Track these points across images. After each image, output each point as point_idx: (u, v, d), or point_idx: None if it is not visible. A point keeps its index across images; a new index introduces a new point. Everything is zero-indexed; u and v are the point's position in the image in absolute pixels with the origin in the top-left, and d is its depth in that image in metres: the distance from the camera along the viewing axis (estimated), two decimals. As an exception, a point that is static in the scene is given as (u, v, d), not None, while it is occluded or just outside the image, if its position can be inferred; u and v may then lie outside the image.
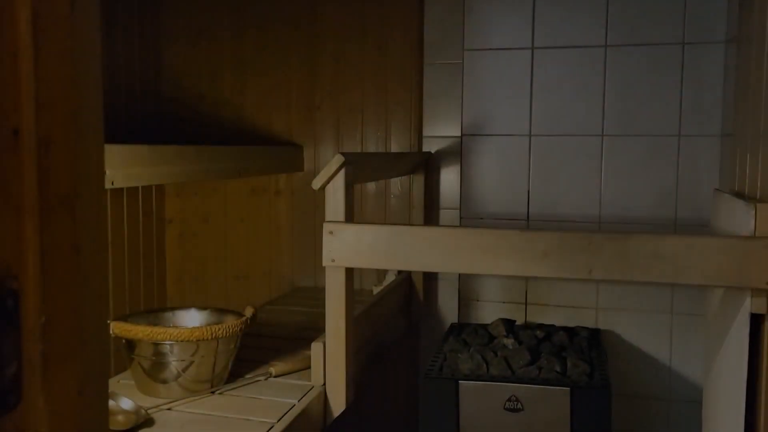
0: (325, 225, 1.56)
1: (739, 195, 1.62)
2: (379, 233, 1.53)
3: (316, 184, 1.55)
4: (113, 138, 1.51)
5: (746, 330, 1.38)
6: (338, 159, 1.52)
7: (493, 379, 1.73)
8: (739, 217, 1.44)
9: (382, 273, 2.58)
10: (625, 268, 1.40)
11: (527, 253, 1.45)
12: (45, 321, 0.64)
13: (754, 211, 1.35)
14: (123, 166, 1.53)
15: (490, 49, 2.28)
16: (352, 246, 1.54)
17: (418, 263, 1.54)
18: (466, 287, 2.35)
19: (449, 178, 2.40)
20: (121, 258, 2.41)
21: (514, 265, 1.46)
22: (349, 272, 1.59)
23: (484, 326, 2.10)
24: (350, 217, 1.58)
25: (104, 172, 0.74)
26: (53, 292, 0.65)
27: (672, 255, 1.38)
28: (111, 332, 1.43)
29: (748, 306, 1.37)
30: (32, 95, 0.60)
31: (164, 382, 1.46)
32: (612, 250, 1.41)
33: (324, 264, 1.56)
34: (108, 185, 1.47)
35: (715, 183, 2.07)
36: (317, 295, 2.52)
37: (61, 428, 0.67)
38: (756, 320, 1.40)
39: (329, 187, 1.56)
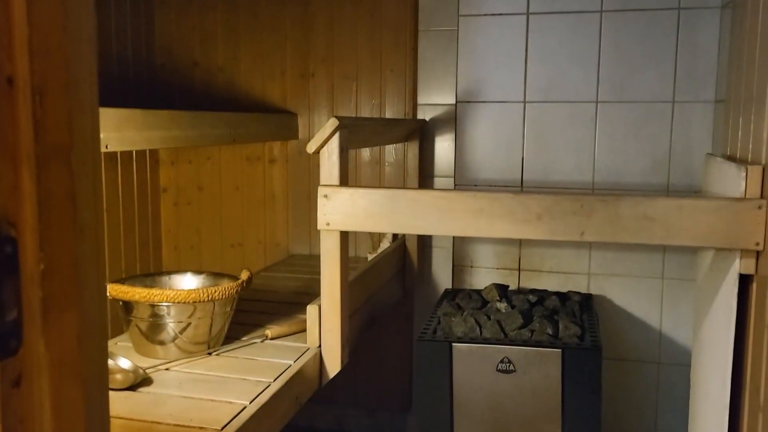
0: (319, 189, 1.57)
1: (731, 159, 1.63)
2: (373, 197, 1.54)
3: (311, 147, 1.55)
4: (106, 104, 1.51)
5: (734, 291, 1.40)
6: (333, 122, 1.52)
7: (486, 341, 1.76)
8: (730, 180, 1.46)
9: (377, 240, 2.60)
10: (617, 230, 1.42)
11: (520, 216, 1.47)
12: (44, 269, 0.65)
13: (744, 173, 1.36)
14: (117, 130, 1.53)
15: (485, 14, 2.26)
16: (347, 209, 1.55)
17: (412, 226, 1.55)
18: (460, 254, 2.36)
19: (444, 145, 2.40)
20: (116, 226, 2.41)
21: (508, 227, 1.47)
22: (344, 236, 1.60)
23: (478, 291, 2.12)
24: (345, 181, 1.59)
25: (98, 124, 0.75)
26: (51, 241, 0.66)
27: (663, 217, 1.39)
28: (108, 294, 1.45)
29: (737, 267, 1.39)
30: (26, 43, 0.60)
31: (162, 343, 1.48)
32: (604, 212, 1.42)
33: (319, 227, 1.57)
34: (102, 149, 1.47)
35: (708, 149, 2.08)
36: (312, 262, 2.54)
37: (61, 375, 0.68)
38: (744, 281, 1.43)
39: (324, 151, 1.56)
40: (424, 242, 2.45)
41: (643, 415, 2.18)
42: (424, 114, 2.43)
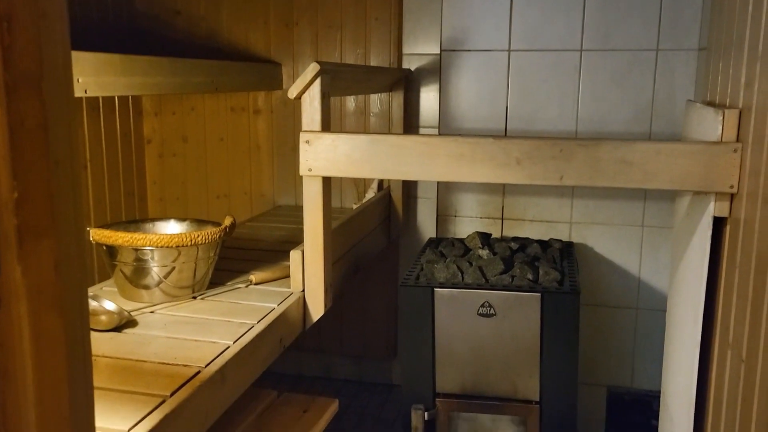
0: (301, 134, 1.57)
1: (710, 104, 1.64)
2: (355, 142, 1.55)
3: (292, 92, 1.55)
4: (85, 48, 1.49)
5: (708, 233, 1.43)
6: (314, 67, 1.52)
7: (467, 286, 1.79)
8: (708, 124, 1.47)
9: (362, 191, 2.61)
10: (595, 174, 1.44)
11: (501, 161, 1.48)
12: (17, 197, 0.66)
13: (721, 117, 1.38)
14: (96, 75, 1.52)
15: (471, -40, 2.23)
16: (329, 155, 1.56)
17: (394, 172, 1.56)
18: (444, 203, 2.38)
19: (428, 96, 2.39)
20: (101, 178, 2.41)
21: (488, 172, 1.49)
22: (326, 182, 1.61)
23: (461, 239, 2.15)
24: (327, 127, 1.59)
25: (70, 58, 0.74)
26: (24, 170, 0.66)
27: (641, 161, 1.41)
28: (91, 239, 1.46)
29: (711, 210, 1.42)
30: (-9, -32, 0.60)
31: (146, 287, 1.50)
32: (583, 156, 1.44)
33: (301, 173, 1.58)
34: (81, 93, 1.46)
35: (690, 97, 2.09)
36: (298, 213, 2.53)
37: (40, 302, 0.70)
38: (718, 225, 1.46)
39: (305, 96, 1.56)
40: (409, 192, 2.47)
41: (621, 359, 2.24)
42: (409, 64, 2.41)
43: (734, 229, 1.38)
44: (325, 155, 1.56)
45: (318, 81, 1.54)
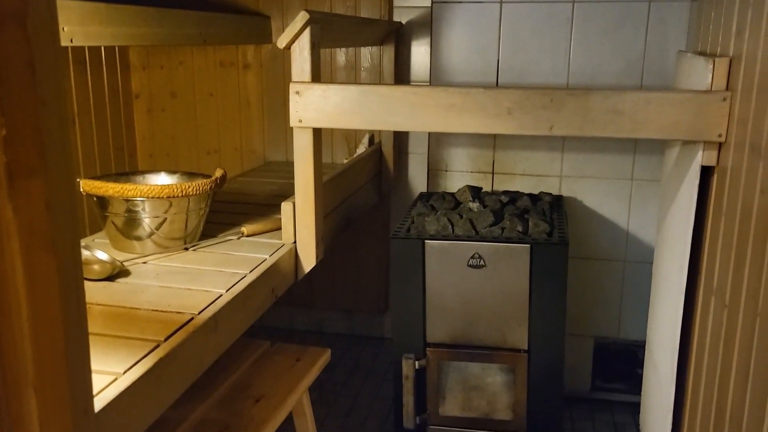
0: (291, 85, 1.56)
1: (701, 54, 1.64)
2: (345, 93, 1.54)
3: (281, 42, 1.53)
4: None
5: (696, 182, 1.45)
6: (303, 16, 1.50)
7: (457, 238, 1.80)
8: (699, 74, 1.47)
9: (353, 147, 2.60)
10: (585, 123, 1.44)
11: (491, 111, 1.48)
12: (6, 135, 0.66)
13: (711, 66, 1.38)
14: (81, 24, 1.50)
15: None
16: (319, 106, 1.55)
17: (384, 122, 1.56)
18: (435, 158, 2.38)
19: (419, 50, 2.37)
20: (89, 133, 2.39)
21: (478, 122, 1.49)
22: (317, 133, 1.61)
23: (452, 193, 2.16)
24: (317, 78, 1.58)
25: (55, 2, 0.73)
26: (11, 107, 0.66)
27: (631, 110, 1.41)
28: (81, 190, 1.46)
29: (699, 159, 1.43)
30: None
31: (138, 239, 1.51)
32: (573, 106, 1.44)
33: (291, 124, 1.58)
34: (66, 42, 1.44)
35: (683, 49, 2.08)
36: (289, 168, 2.54)
37: (32, 240, 0.70)
38: (706, 175, 1.47)
39: (295, 47, 1.54)
40: (400, 148, 2.47)
41: (609, 311, 2.28)
42: (400, 16, 2.38)
43: (721, 177, 1.39)
44: (315, 106, 1.55)
45: (307, 30, 1.52)
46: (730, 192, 1.32)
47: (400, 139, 2.46)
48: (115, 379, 0.96)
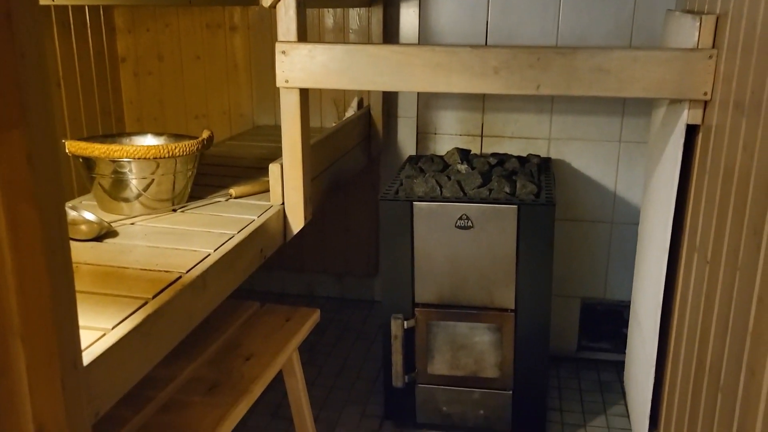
0: (277, 45, 1.55)
1: (689, 12, 1.63)
2: (332, 52, 1.53)
3: (266, 0, 1.51)
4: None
5: (681, 141, 1.46)
6: (288, -26, 1.48)
7: (445, 200, 1.81)
8: (685, 32, 1.47)
9: (342, 110, 2.59)
10: (572, 82, 1.44)
11: (478, 70, 1.47)
12: (-16, 86, 0.65)
13: (698, 23, 1.38)
14: (62, -18, 1.47)
15: None
16: (306, 66, 1.54)
17: (371, 82, 1.55)
18: (424, 121, 2.38)
19: (408, 11, 2.34)
20: (75, 97, 2.36)
21: (465, 82, 1.48)
22: (304, 93, 1.60)
23: (440, 156, 2.16)
24: (303, 37, 1.57)
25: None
26: (-11, 57, 0.66)
27: (617, 68, 1.41)
28: (67, 151, 1.45)
29: (684, 118, 1.44)
30: None
31: (126, 200, 1.51)
32: (560, 64, 1.43)
33: (278, 85, 1.57)
34: (48, 1, 1.42)
35: (671, 8, 2.07)
36: (278, 132, 2.53)
37: (14, 192, 0.70)
38: (691, 134, 1.48)
39: (280, 5, 1.53)
40: (389, 111, 2.46)
41: (595, 272, 2.31)
42: (389, -24, 2.35)
43: (706, 136, 1.40)
44: (302, 66, 1.54)
45: (293, -12, 1.50)
46: (714, 150, 1.33)
47: (389, 102, 2.45)
48: (104, 335, 0.98)
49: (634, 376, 1.93)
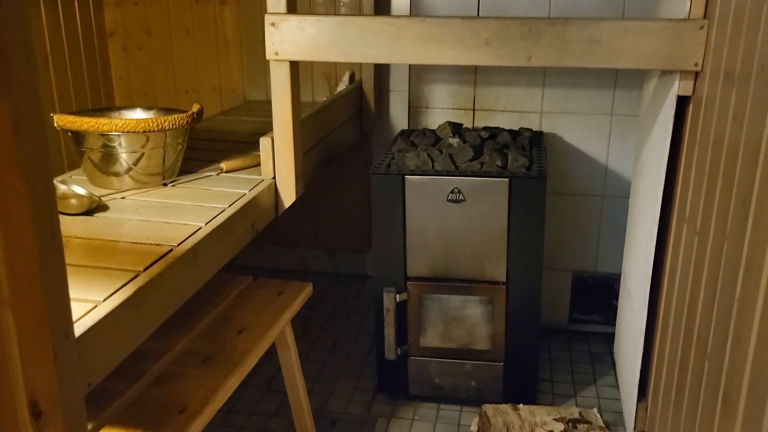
0: (266, 17, 1.53)
1: (682, -17, 1.62)
2: (322, 24, 1.51)
3: (255, -29, 1.49)
4: None
5: (672, 112, 1.46)
6: (276, -56, 1.46)
7: (437, 173, 1.81)
8: (677, 2, 1.46)
9: (333, 85, 2.58)
10: (563, 54, 1.43)
11: (469, 42, 1.46)
12: (-32, 53, 0.65)
13: (690, -7, 1.37)
14: (47, -47, 1.45)
15: None
16: (296, 38, 1.53)
17: (362, 55, 1.54)
18: (416, 95, 2.37)
19: (400, -18, 2.32)
20: (63, 72, 2.34)
21: (456, 53, 1.48)
22: (294, 66, 1.59)
23: (432, 130, 2.15)
24: (293, 9, 1.55)
25: None
26: (-28, 25, 0.65)
27: (608, 39, 1.41)
28: (55, 125, 1.44)
29: (675, 89, 1.44)
30: None
31: (116, 174, 1.50)
32: (551, 35, 1.43)
33: (267, 57, 1.56)
34: (33, -28, 1.40)
35: (664, -18, 2.05)
36: (269, 107, 2.51)
37: (1, 165, 0.70)
38: (682, 105, 1.48)
39: (269, -24, 1.51)
40: (381, 85, 2.44)
41: (587, 245, 2.32)
42: (380, -52, 2.32)
43: (696, 107, 1.40)
44: (292, 38, 1.53)
45: (282, -41, 1.48)
46: (705, 121, 1.33)
47: (381, 76, 2.43)
48: (95, 307, 0.98)
49: (623, 347, 1.95)
